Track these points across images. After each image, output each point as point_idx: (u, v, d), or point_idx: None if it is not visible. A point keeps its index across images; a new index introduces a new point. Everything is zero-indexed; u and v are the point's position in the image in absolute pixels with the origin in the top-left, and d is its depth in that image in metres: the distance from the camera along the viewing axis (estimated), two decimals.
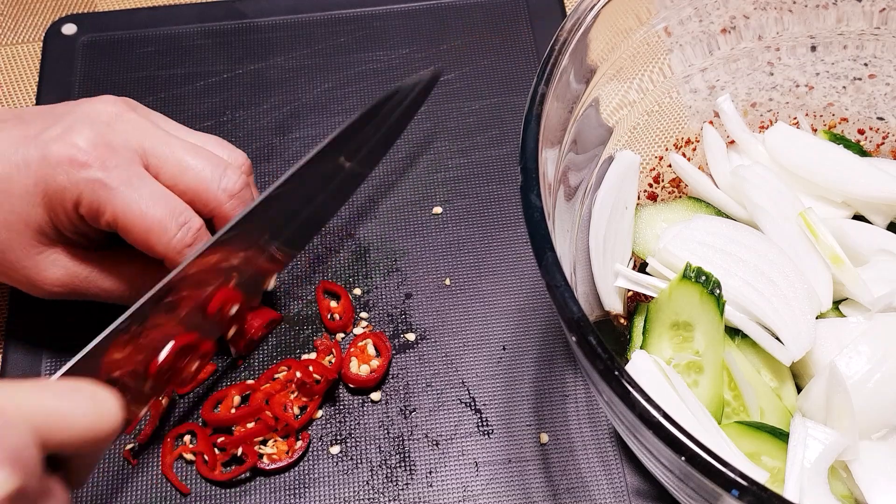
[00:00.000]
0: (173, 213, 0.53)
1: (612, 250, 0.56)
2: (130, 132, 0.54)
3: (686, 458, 0.37)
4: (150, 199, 0.52)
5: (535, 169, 0.44)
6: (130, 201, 0.52)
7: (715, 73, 0.62)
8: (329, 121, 0.70)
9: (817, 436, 0.48)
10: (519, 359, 0.60)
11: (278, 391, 0.57)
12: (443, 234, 0.65)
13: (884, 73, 0.62)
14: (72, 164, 0.51)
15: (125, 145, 0.53)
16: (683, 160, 0.61)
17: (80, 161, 0.51)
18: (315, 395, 0.58)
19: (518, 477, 0.56)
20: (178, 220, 0.53)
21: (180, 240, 0.53)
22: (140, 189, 0.52)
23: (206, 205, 0.55)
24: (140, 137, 0.54)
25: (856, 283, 0.53)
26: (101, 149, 0.52)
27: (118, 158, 0.52)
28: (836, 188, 0.58)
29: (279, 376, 0.58)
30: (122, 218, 0.52)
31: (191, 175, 0.54)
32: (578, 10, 0.51)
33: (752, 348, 0.53)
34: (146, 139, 0.54)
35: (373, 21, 0.75)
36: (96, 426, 0.42)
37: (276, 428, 0.56)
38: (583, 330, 0.40)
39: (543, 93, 0.47)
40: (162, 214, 0.53)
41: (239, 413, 0.56)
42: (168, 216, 0.53)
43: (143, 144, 0.54)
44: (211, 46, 0.74)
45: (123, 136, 0.53)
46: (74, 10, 0.78)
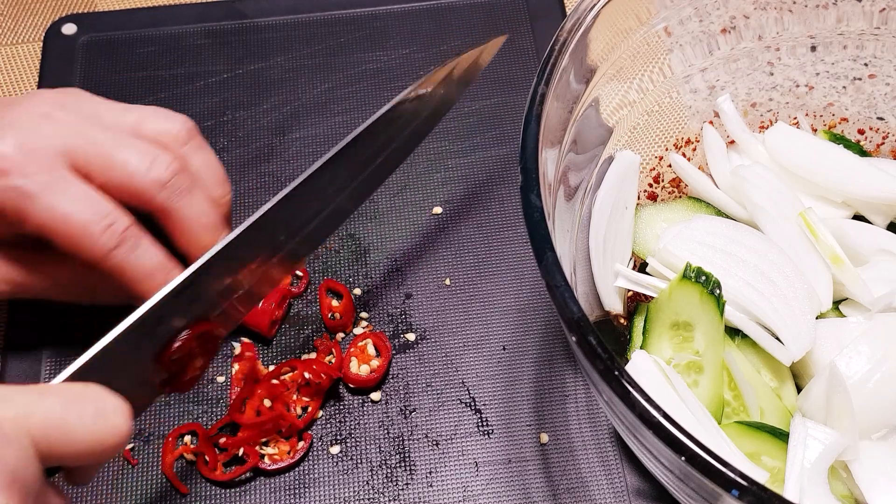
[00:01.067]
0: (97, 216, 0.50)
1: (612, 250, 0.56)
2: (55, 135, 0.52)
3: (686, 458, 0.37)
4: (72, 203, 0.50)
5: (535, 169, 0.44)
6: (51, 207, 0.50)
7: (715, 73, 0.62)
8: (329, 121, 0.70)
9: (817, 436, 0.48)
10: (519, 359, 0.60)
11: (284, 392, 0.57)
12: (443, 234, 0.65)
13: (884, 73, 0.62)
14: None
15: (48, 149, 0.51)
16: (683, 160, 0.61)
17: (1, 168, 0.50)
18: (318, 394, 0.58)
19: (518, 477, 0.56)
20: (102, 223, 0.50)
21: (105, 243, 0.50)
22: (62, 194, 0.50)
23: (138, 199, 0.52)
24: (65, 138, 0.52)
25: (856, 283, 0.53)
26: (20, 155, 0.50)
27: (39, 164, 0.50)
28: (836, 188, 0.58)
29: (286, 377, 0.58)
30: (45, 225, 0.50)
31: (118, 171, 0.52)
32: (578, 10, 0.51)
33: (752, 348, 0.53)
34: (73, 139, 0.52)
35: (373, 21, 0.75)
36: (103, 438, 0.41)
37: (281, 429, 0.56)
38: (583, 330, 0.40)
39: (543, 93, 0.47)
40: (85, 218, 0.50)
41: (264, 417, 0.56)
42: (91, 220, 0.50)
43: (68, 145, 0.52)
44: (211, 46, 0.74)
45: (48, 139, 0.51)
46: (74, 10, 0.78)
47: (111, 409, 0.41)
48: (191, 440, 0.57)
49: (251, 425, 0.56)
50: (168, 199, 0.52)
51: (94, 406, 0.41)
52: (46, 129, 0.52)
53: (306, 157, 0.69)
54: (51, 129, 0.52)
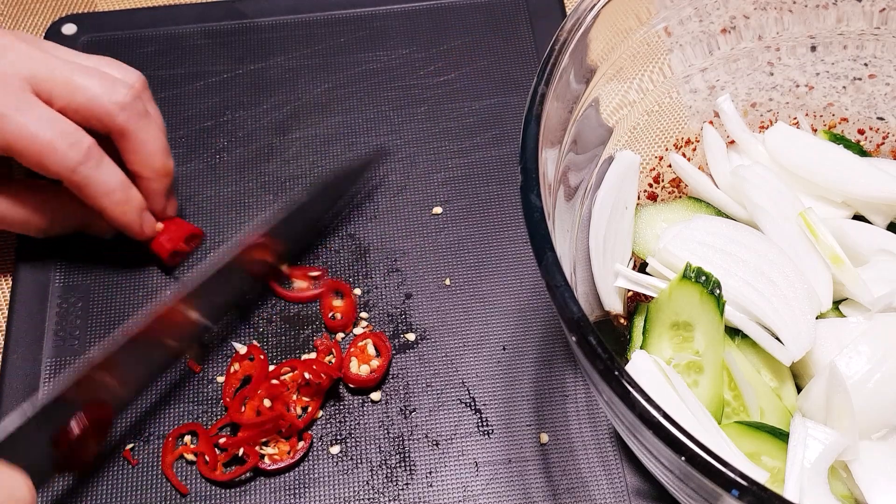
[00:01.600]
0: (62, 134, 0.55)
1: (612, 250, 0.56)
2: (19, 61, 0.56)
3: (686, 458, 0.37)
4: (39, 122, 0.55)
5: (535, 169, 0.44)
6: (20, 125, 0.54)
7: (715, 73, 0.62)
8: (329, 121, 0.70)
9: (817, 436, 0.48)
10: (519, 359, 0.60)
11: (283, 392, 0.57)
12: (443, 234, 0.65)
13: (884, 73, 0.62)
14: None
15: (14, 73, 0.55)
16: (683, 160, 0.61)
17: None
18: (318, 394, 0.58)
19: (518, 477, 0.56)
20: (67, 139, 0.55)
21: (73, 158, 0.55)
22: (28, 113, 0.54)
23: (99, 120, 0.57)
24: (29, 65, 0.56)
25: (856, 283, 0.53)
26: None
27: (6, 87, 0.54)
28: (836, 188, 0.58)
29: (286, 377, 0.58)
30: (14, 143, 0.54)
31: (80, 94, 0.56)
32: (578, 10, 0.51)
33: (752, 348, 0.53)
34: (35, 66, 0.56)
35: (373, 21, 0.75)
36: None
37: (281, 429, 0.56)
38: (583, 330, 0.40)
39: (543, 93, 0.47)
40: (51, 136, 0.55)
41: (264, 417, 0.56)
42: (58, 137, 0.55)
43: (32, 71, 0.56)
44: (211, 46, 0.74)
45: (12, 65, 0.55)
46: (74, 10, 0.77)
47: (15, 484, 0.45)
48: (191, 440, 0.57)
49: (251, 425, 0.56)
50: (127, 121, 0.57)
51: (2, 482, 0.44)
52: (10, 56, 0.56)
53: (306, 157, 0.69)
54: (14, 56, 0.56)
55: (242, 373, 0.59)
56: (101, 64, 0.59)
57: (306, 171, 0.68)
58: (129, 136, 0.58)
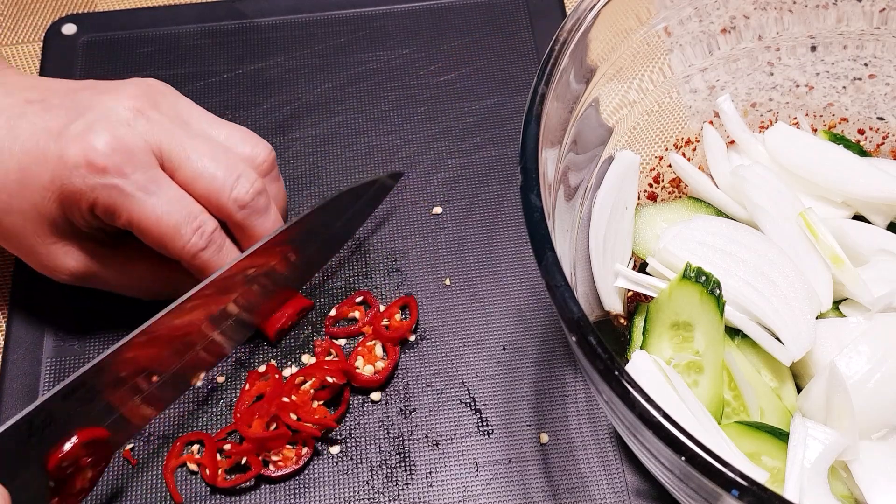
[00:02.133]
0: (188, 218, 0.54)
1: (612, 250, 0.56)
2: (149, 132, 0.54)
3: (686, 458, 0.37)
4: (166, 204, 0.53)
5: (535, 169, 0.44)
6: (146, 207, 0.53)
7: (715, 73, 0.62)
8: (329, 121, 0.70)
9: (817, 436, 0.48)
10: (519, 359, 0.60)
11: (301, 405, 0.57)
12: (443, 234, 0.65)
13: (884, 73, 0.62)
14: (89, 169, 0.52)
15: (143, 148, 0.53)
16: (683, 160, 0.61)
17: (97, 165, 0.52)
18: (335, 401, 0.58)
19: (518, 477, 0.56)
20: (192, 224, 0.54)
21: (195, 244, 0.54)
22: (156, 195, 0.53)
23: (218, 211, 0.55)
24: (159, 137, 0.54)
25: (856, 283, 0.53)
26: (118, 154, 0.52)
27: (136, 163, 0.52)
28: (836, 188, 0.58)
29: (305, 387, 0.57)
30: (138, 223, 0.53)
31: (203, 183, 0.54)
32: (578, 10, 0.51)
33: (752, 348, 0.53)
34: (164, 139, 0.54)
35: (373, 21, 0.75)
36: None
37: (295, 441, 0.56)
38: (583, 330, 0.40)
39: (543, 93, 0.47)
40: (177, 220, 0.53)
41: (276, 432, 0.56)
42: (183, 221, 0.53)
43: (161, 145, 0.54)
44: (211, 46, 0.74)
45: (142, 136, 0.53)
46: (74, 10, 0.78)
47: None
48: (198, 449, 0.57)
49: (258, 440, 0.55)
50: (245, 219, 0.56)
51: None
52: (141, 127, 0.54)
53: (306, 157, 0.69)
54: (145, 126, 0.54)
55: (256, 391, 0.58)
56: (233, 136, 0.57)
57: (306, 171, 0.68)
58: (244, 231, 0.56)
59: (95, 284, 0.58)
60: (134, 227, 0.53)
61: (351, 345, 0.61)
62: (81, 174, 0.52)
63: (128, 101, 0.54)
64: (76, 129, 0.52)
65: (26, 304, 0.62)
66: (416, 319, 0.61)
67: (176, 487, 0.56)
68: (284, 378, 0.59)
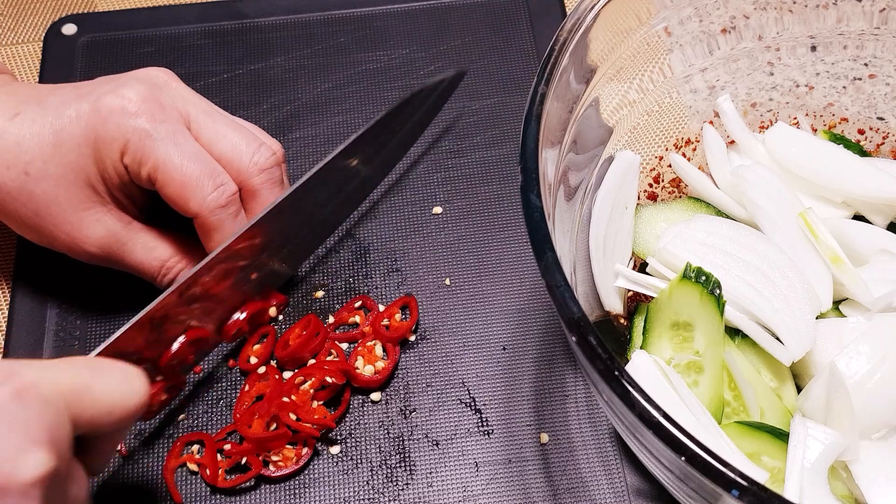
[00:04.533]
0: (211, 173, 0.55)
1: (612, 250, 0.56)
2: (178, 97, 0.57)
3: (686, 458, 0.37)
4: (191, 156, 0.55)
5: (535, 169, 0.44)
6: (172, 154, 0.54)
7: (715, 73, 0.62)
8: (329, 121, 0.70)
9: (817, 436, 0.48)
10: (519, 359, 0.60)
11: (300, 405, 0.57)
12: (443, 234, 0.65)
13: (884, 73, 0.62)
14: (122, 114, 0.54)
15: (172, 105, 0.56)
16: (683, 160, 0.61)
17: (129, 111, 0.54)
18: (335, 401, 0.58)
19: (518, 477, 0.56)
20: (215, 180, 0.55)
21: (215, 199, 0.55)
22: (182, 145, 0.55)
23: (236, 175, 0.57)
24: (185, 103, 0.57)
25: (856, 283, 0.53)
26: (150, 103, 0.55)
27: (165, 114, 0.55)
28: (836, 188, 0.58)
29: (305, 387, 0.57)
30: (163, 169, 0.54)
31: (226, 143, 0.57)
32: (578, 10, 0.51)
33: (752, 348, 0.53)
34: (191, 106, 0.57)
35: (373, 21, 0.75)
36: (126, 402, 0.45)
37: (296, 441, 0.56)
38: (583, 330, 0.40)
39: (543, 93, 0.47)
40: (200, 172, 0.55)
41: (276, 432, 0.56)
42: (206, 174, 0.55)
43: (188, 109, 0.57)
44: (211, 46, 0.74)
45: (171, 98, 0.56)
46: (74, 10, 0.78)
47: (133, 375, 0.46)
48: (198, 450, 0.57)
49: (258, 440, 0.55)
50: (262, 184, 0.57)
51: (118, 373, 0.46)
52: (170, 91, 0.57)
53: (306, 157, 0.69)
54: (174, 93, 0.57)
55: (256, 392, 0.58)
56: (249, 125, 0.60)
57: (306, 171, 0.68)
58: (256, 199, 0.57)
59: (117, 260, 0.58)
60: (158, 176, 0.54)
61: (351, 345, 0.61)
62: (115, 119, 0.54)
63: (156, 73, 0.58)
64: (108, 87, 0.55)
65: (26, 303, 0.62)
66: (416, 319, 0.61)
67: (176, 487, 0.56)
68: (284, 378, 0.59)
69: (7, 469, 0.39)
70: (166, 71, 0.58)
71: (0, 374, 0.41)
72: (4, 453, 0.39)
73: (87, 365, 0.45)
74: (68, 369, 0.44)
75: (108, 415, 0.44)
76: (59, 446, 0.41)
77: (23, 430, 0.40)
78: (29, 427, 0.40)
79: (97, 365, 0.46)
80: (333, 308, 0.62)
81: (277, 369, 0.59)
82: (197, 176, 0.54)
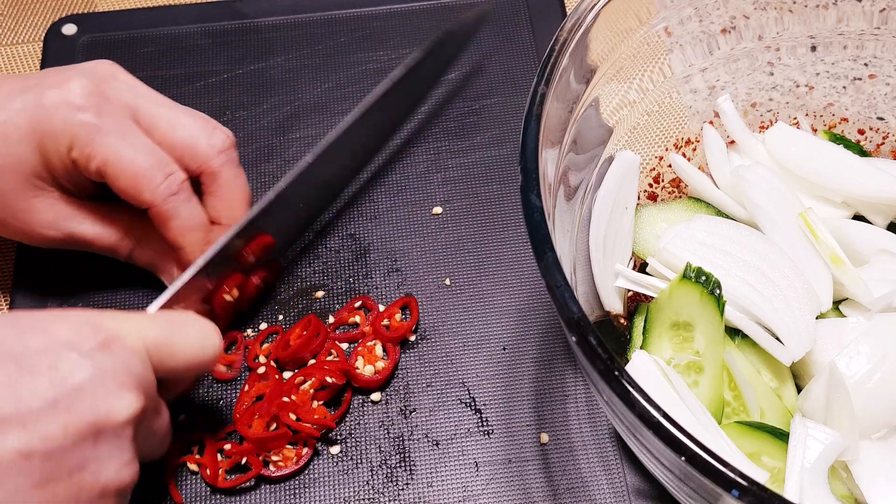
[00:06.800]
0: (160, 164, 0.55)
1: (612, 250, 0.56)
2: (125, 90, 0.57)
3: (686, 458, 0.37)
4: (140, 148, 0.55)
5: (535, 169, 0.44)
6: (121, 148, 0.55)
7: (715, 73, 0.62)
8: (329, 121, 0.70)
9: (817, 436, 0.48)
10: (519, 359, 0.60)
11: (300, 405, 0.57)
12: (443, 234, 0.65)
13: (884, 73, 0.62)
14: (68, 108, 0.54)
15: (119, 98, 0.56)
16: (683, 160, 0.61)
17: (75, 105, 0.54)
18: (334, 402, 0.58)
19: (518, 477, 0.56)
20: (164, 169, 0.56)
21: (166, 187, 0.55)
22: (130, 138, 0.55)
23: (194, 159, 0.57)
24: (134, 95, 0.57)
25: (856, 283, 0.53)
26: (95, 97, 0.55)
27: (112, 108, 0.55)
28: (836, 188, 0.58)
29: (305, 387, 0.57)
30: (113, 163, 0.54)
31: (182, 130, 0.57)
32: (578, 10, 0.51)
33: (752, 348, 0.53)
34: (140, 97, 0.57)
35: (373, 21, 0.75)
36: (203, 353, 0.50)
37: (296, 442, 0.56)
38: (583, 330, 0.40)
39: (543, 93, 0.47)
40: (150, 163, 0.55)
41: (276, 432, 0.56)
42: (155, 165, 0.55)
43: (136, 101, 0.57)
44: (211, 46, 0.74)
45: (117, 91, 0.56)
46: (74, 10, 0.78)
47: (209, 329, 0.51)
48: (198, 449, 0.57)
49: (258, 440, 0.55)
50: (221, 166, 0.58)
51: (197, 326, 0.50)
52: (116, 84, 0.57)
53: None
54: (121, 85, 0.57)
55: (256, 392, 0.58)
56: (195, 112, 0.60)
57: None
58: (219, 181, 0.58)
59: (76, 241, 0.59)
60: (108, 170, 0.55)
61: (351, 345, 0.61)
62: (61, 114, 0.54)
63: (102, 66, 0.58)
64: (53, 80, 0.55)
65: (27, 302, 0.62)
66: (417, 319, 0.61)
67: (176, 487, 0.56)
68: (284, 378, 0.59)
69: (102, 411, 0.44)
70: (112, 63, 0.58)
71: (87, 326, 0.46)
72: (99, 398, 0.44)
73: (168, 319, 0.50)
74: (150, 323, 0.48)
75: (185, 364, 0.49)
76: (146, 389, 0.46)
77: (112, 376, 0.44)
78: (117, 373, 0.45)
79: (177, 319, 0.50)
80: (333, 308, 0.62)
81: (277, 369, 0.59)
82: (147, 167, 0.55)
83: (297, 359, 0.58)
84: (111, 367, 0.45)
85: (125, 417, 0.45)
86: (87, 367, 0.44)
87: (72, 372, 0.44)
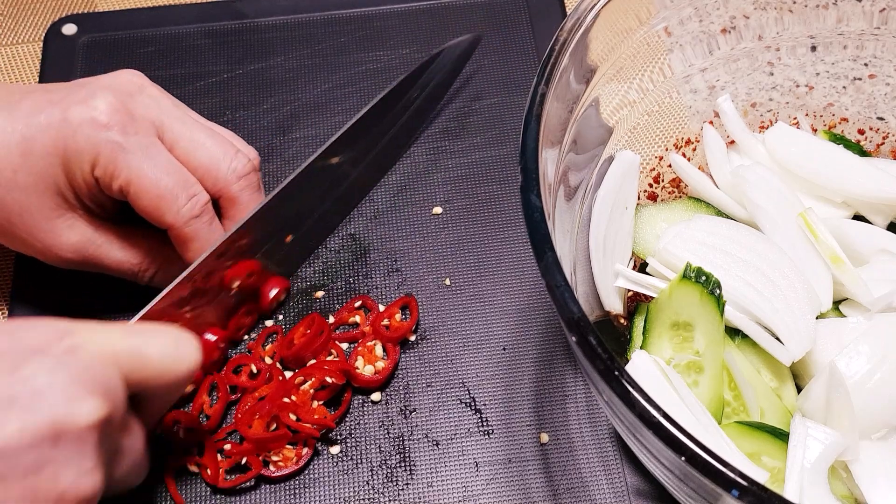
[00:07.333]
0: (184, 184, 0.55)
1: (612, 250, 0.56)
2: (151, 105, 0.56)
3: (686, 458, 0.37)
4: (164, 168, 0.54)
5: (535, 169, 0.44)
6: (145, 167, 0.54)
7: (715, 73, 0.62)
8: (329, 121, 0.70)
9: (817, 436, 0.48)
10: (519, 359, 0.60)
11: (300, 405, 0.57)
12: (443, 234, 0.65)
13: (884, 73, 0.62)
14: (92, 125, 0.53)
15: (144, 115, 0.55)
16: (683, 160, 0.61)
17: (100, 122, 0.53)
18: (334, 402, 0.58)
19: (518, 477, 0.56)
20: (188, 191, 0.55)
21: (189, 209, 0.55)
22: (155, 158, 0.54)
23: (214, 183, 0.57)
24: (159, 112, 0.56)
25: (856, 283, 0.53)
26: (121, 114, 0.54)
27: (137, 126, 0.54)
28: (836, 188, 0.58)
29: (305, 387, 0.57)
30: (136, 182, 0.54)
31: (203, 153, 0.56)
32: (578, 10, 0.51)
33: (752, 348, 0.53)
34: (165, 114, 0.56)
35: (373, 21, 0.75)
36: (177, 366, 0.48)
37: (296, 441, 0.56)
38: (583, 330, 0.40)
39: (543, 93, 0.47)
40: (173, 184, 0.54)
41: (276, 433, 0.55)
42: (179, 186, 0.55)
43: (161, 118, 0.56)
44: (211, 46, 0.74)
45: (143, 108, 0.56)
46: (74, 10, 0.78)
47: (184, 341, 0.49)
48: (198, 450, 0.57)
49: (258, 440, 0.55)
50: (241, 191, 0.57)
51: (171, 338, 0.48)
52: (142, 99, 0.56)
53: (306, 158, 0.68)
54: (147, 100, 0.56)
55: (259, 393, 0.58)
56: (225, 132, 0.60)
57: None
58: (237, 206, 0.58)
59: (95, 263, 0.58)
60: (131, 189, 0.54)
61: (351, 345, 0.61)
62: (85, 131, 0.53)
63: (129, 78, 0.57)
64: (79, 96, 0.54)
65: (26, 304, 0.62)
66: (417, 319, 0.61)
67: (176, 488, 0.56)
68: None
69: (63, 412, 0.42)
70: (139, 74, 0.58)
71: (56, 331, 0.44)
72: (60, 400, 0.42)
73: (139, 330, 0.48)
74: (120, 332, 0.47)
75: (160, 377, 0.47)
76: (112, 397, 0.44)
77: (76, 379, 0.43)
78: (82, 377, 0.43)
79: (149, 330, 0.48)
80: (333, 308, 0.62)
81: (281, 369, 0.59)
82: (170, 188, 0.54)
83: (298, 358, 0.58)
84: (75, 371, 0.43)
85: (87, 422, 0.43)
86: (50, 369, 0.43)
87: (34, 373, 0.42)
